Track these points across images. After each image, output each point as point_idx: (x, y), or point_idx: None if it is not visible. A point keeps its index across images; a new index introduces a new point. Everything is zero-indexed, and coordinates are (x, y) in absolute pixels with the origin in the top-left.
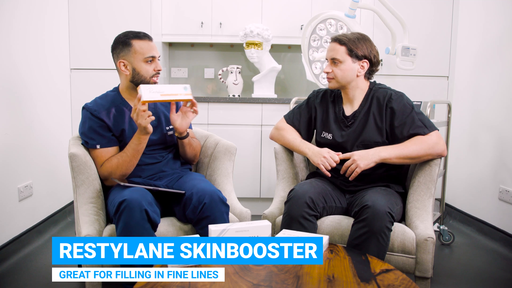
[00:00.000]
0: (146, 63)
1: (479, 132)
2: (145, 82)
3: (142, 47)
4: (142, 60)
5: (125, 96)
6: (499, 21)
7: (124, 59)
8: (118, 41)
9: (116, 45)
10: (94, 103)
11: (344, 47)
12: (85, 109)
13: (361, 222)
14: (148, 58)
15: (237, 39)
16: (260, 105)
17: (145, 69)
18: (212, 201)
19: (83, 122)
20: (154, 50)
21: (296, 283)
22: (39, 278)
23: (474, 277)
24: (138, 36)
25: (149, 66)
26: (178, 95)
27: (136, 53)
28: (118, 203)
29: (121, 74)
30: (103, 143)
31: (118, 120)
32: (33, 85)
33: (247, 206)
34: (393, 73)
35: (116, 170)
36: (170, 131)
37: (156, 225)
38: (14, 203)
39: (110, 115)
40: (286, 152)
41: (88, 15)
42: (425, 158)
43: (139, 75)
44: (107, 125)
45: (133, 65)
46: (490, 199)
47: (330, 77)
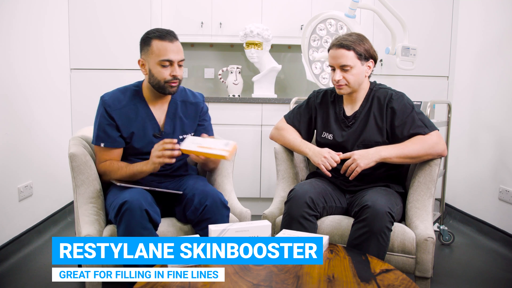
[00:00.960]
0: (162, 66)
1: (479, 132)
2: (160, 87)
3: (160, 48)
4: (156, 62)
5: (145, 95)
6: (499, 21)
7: (143, 58)
8: (142, 38)
9: (141, 41)
10: (112, 96)
11: (352, 52)
12: (101, 100)
13: (361, 222)
14: (163, 61)
15: (237, 39)
16: (260, 105)
17: (159, 73)
18: (213, 204)
19: (96, 116)
20: (172, 53)
21: (296, 283)
22: (39, 278)
23: (474, 277)
24: (160, 35)
25: (165, 70)
26: (214, 149)
27: (153, 54)
28: (119, 205)
29: (143, 73)
30: (108, 143)
31: (131, 120)
32: (33, 85)
33: (247, 206)
34: (393, 73)
35: (111, 175)
36: (181, 140)
37: (157, 225)
38: (14, 203)
39: (123, 114)
40: (286, 152)
41: (88, 15)
42: (425, 158)
43: (154, 78)
44: (116, 125)
45: (149, 66)
46: (490, 199)
47: (341, 84)
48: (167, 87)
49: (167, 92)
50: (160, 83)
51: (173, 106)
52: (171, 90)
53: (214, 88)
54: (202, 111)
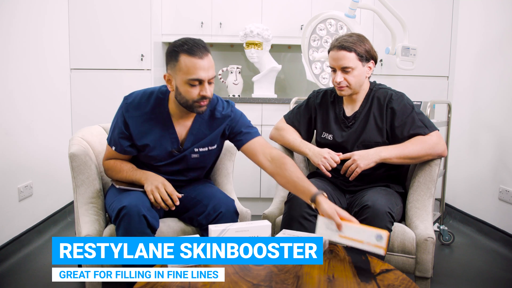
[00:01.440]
0: (191, 86)
1: (479, 132)
2: (188, 106)
3: (188, 66)
4: (184, 81)
5: (170, 107)
6: (499, 21)
7: (169, 73)
8: (170, 50)
9: (167, 54)
10: (134, 99)
11: (354, 53)
12: (123, 102)
13: (361, 222)
14: (192, 81)
15: (237, 39)
16: (260, 105)
17: (187, 92)
18: (228, 212)
19: (115, 116)
20: (203, 71)
21: (296, 283)
22: (39, 278)
23: (474, 277)
24: (188, 50)
25: (194, 90)
26: (364, 244)
27: (181, 71)
28: (117, 210)
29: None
30: (118, 148)
31: (147, 131)
32: (33, 85)
33: (247, 206)
34: (393, 73)
35: (113, 173)
36: (195, 154)
37: (155, 230)
38: (14, 203)
39: (140, 123)
40: (286, 152)
41: (87, 15)
42: (425, 158)
43: (181, 96)
44: (130, 134)
45: (176, 83)
46: (490, 199)
47: (343, 86)
48: (195, 107)
49: (196, 111)
50: (188, 102)
51: (198, 122)
52: (199, 110)
53: (214, 88)
54: (232, 122)
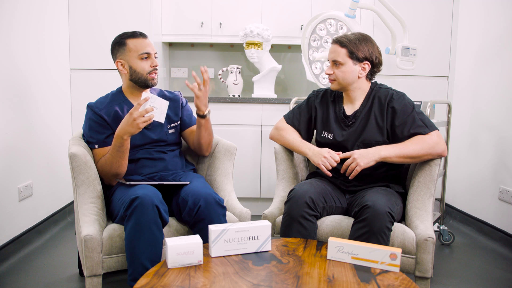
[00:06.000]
0: (142, 60)
1: (479, 132)
2: (143, 79)
3: (136, 45)
4: (137, 57)
5: (127, 95)
6: (499, 21)
7: (121, 59)
8: (115, 42)
9: (113, 46)
10: (97, 101)
11: (345, 49)
12: (88, 107)
13: (361, 222)
14: (142, 55)
15: (237, 39)
16: (260, 105)
17: (141, 66)
18: (207, 204)
19: (85, 121)
20: (149, 46)
21: (296, 283)
22: (39, 278)
23: (474, 277)
24: (132, 35)
25: (145, 63)
26: (379, 263)
27: (131, 51)
28: (130, 200)
29: (122, 74)
30: (101, 142)
31: (119, 118)
32: (33, 85)
33: (247, 206)
34: (393, 73)
35: (107, 168)
36: (171, 129)
37: (165, 223)
38: (14, 203)
39: (111, 113)
40: (286, 152)
41: (88, 15)
42: (425, 158)
43: (136, 73)
44: (107, 123)
45: (129, 63)
46: (490, 199)
47: (331, 79)
48: (149, 79)
49: (150, 84)
50: (142, 76)
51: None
52: (153, 82)
53: (214, 88)
54: (182, 103)
